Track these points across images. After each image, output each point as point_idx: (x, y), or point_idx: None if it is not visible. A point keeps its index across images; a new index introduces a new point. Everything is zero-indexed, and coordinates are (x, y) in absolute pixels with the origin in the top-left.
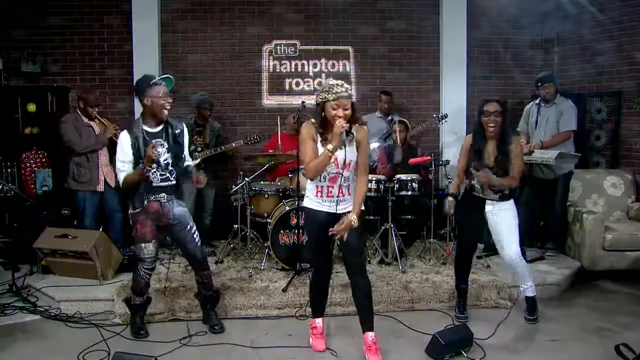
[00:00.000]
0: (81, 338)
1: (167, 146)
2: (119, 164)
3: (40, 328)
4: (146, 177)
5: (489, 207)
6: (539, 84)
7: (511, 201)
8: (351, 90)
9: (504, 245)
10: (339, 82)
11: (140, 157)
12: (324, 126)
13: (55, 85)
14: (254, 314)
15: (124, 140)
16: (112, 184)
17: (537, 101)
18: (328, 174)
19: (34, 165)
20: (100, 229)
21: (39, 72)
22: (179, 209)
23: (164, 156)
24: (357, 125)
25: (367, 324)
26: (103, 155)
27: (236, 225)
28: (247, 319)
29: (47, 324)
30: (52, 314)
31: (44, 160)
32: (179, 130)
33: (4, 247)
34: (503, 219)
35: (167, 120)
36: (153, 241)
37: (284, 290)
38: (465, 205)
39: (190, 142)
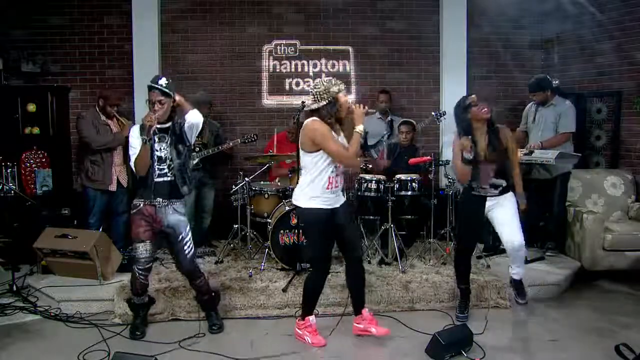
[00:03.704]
0: (81, 338)
1: (168, 140)
2: (131, 152)
3: (40, 328)
4: (149, 157)
5: (489, 203)
6: (530, 90)
7: (510, 192)
8: None
9: (511, 231)
10: (329, 79)
11: None
12: (339, 118)
13: (55, 85)
14: (254, 314)
15: (134, 132)
16: (125, 184)
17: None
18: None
19: (34, 165)
20: (101, 229)
21: (39, 72)
22: (174, 217)
23: (164, 151)
24: None
25: (362, 303)
26: (117, 156)
27: (236, 225)
28: (247, 319)
29: (47, 324)
30: (52, 314)
31: (44, 160)
32: (181, 122)
33: (4, 247)
34: (507, 208)
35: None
36: (147, 242)
37: (284, 290)
38: (465, 206)
39: None
